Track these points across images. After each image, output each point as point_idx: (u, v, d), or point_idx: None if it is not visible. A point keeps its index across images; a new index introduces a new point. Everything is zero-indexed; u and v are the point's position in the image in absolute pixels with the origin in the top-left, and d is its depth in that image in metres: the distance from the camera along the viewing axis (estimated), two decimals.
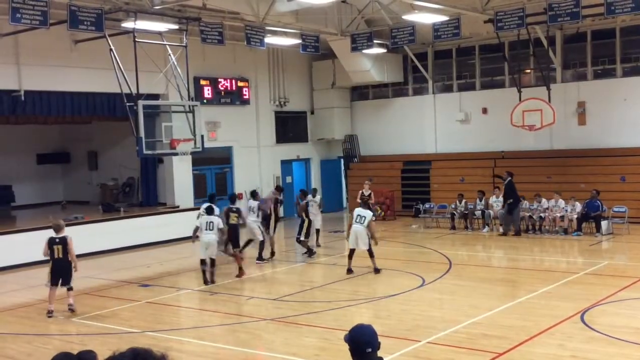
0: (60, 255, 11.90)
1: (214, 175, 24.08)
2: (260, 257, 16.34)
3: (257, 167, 25.13)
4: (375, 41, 21.08)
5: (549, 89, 20.98)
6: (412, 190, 25.09)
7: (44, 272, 16.41)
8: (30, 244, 17.44)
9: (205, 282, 14.09)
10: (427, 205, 23.25)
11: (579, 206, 19.33)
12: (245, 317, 11.57)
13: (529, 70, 23.45)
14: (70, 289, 11.99)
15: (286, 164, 26.60)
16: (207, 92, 22.98)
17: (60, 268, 11.95)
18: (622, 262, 15.97)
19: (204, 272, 14.19)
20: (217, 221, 14.37)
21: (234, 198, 16.28)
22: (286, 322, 11.11)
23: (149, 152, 17.30)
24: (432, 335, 9.84)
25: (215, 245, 14.29)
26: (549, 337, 9.58)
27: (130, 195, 23.98)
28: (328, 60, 26.05)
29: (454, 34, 18.92)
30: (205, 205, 15.21)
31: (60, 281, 11.92)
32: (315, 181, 27.70)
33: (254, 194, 17.19)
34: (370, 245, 14.43)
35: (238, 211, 15.31)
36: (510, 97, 21.72)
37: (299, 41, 20.96)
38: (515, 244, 18.50)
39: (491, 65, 24.56)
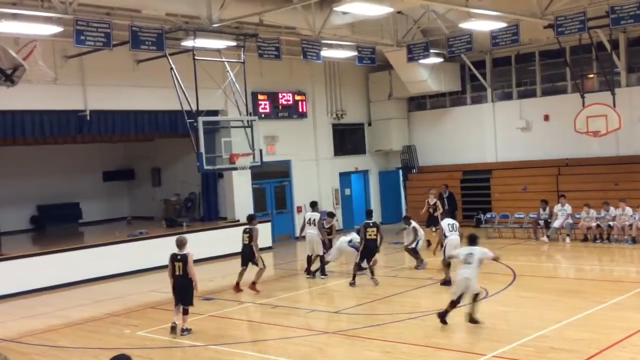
0: (181, 273, 11.51)
1: (273, 189, 24.26)
2: (322, 272, 16.34)
3: (315, 180, 25.19)
4: (431, 51, 20.92)
5: (613, 94, 20.37)
6: (472, 200, 24.69)
7: (110, 286, 16.84)
8: (97, 260, 18.04)
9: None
10: (488, 215, 22.84)
11: None
12: (307, 330, 11.56)
13: (592, 75, 22.82)
14: (186, 311, 11.57)
15: (344, 176, 26.60)
16: (265, 107, 23.22)
17: (180, 286, 11.58)
18: None
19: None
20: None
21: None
22: (347, 335, 11.04)
23: (210, 167, 17.51)
24: (498, 349, 9.61)
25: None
26: (621, 350, 9.24)
27: (192, 210, 24.40)
28: (384, 71, 25.98)
29: (513, 40, 18.59)
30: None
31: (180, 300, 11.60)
32: (374, 193, 27.59)
33: (313, 205, 17.34)
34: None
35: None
36: (573, 103, 21.18)
37: (355, 53, 20.98)
38: (582, 254, 17.96)
39: (552, 71, 24.00)
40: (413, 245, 16.87)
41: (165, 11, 17.34)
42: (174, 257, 11.67)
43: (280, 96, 23.78)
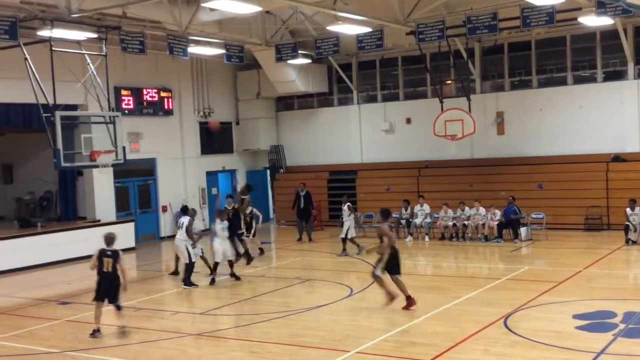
0: (110, 269, 10.92)
1: (137, 187, 23.51)
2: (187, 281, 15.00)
3: (182, 179, 24.70)
4: (299, 52, 21.12)
5: (469, 100, 21.55)
6: (339, 200, 25.13)
7: None
8: None
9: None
10: None
11: (498, 213, 19.87)
12: (171, 333, 11.27)
13: (449, 81, 24.02)
14: (118, 308, 11.10)
15: (212, 176, 26.26)
16: (129, 103, 22.47)
17: (108, 282, 11.00)
18: (541, 267, 16.46)
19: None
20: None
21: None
22: (213, 337, 10.89)
23: (68, 164, 16.78)
24: (361, 345, 9.84)
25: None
26: (474, 343, 9.75)
27: (48, 209, 23.10)
28: (253, 71, 25.93)
29: (377, 45, 19.17)
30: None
31: (107, 298, 11.07)
32: None
33: (184, 210, 16.02)
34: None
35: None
36: (433, 108, 22.19)
37: (223, 51, 20.76)
38: (439, 252, 18.83)
39: (414, 76, 25.02)
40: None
41: None
42: (103, 253, 10.98)
43: (144, 92, 23.10)
